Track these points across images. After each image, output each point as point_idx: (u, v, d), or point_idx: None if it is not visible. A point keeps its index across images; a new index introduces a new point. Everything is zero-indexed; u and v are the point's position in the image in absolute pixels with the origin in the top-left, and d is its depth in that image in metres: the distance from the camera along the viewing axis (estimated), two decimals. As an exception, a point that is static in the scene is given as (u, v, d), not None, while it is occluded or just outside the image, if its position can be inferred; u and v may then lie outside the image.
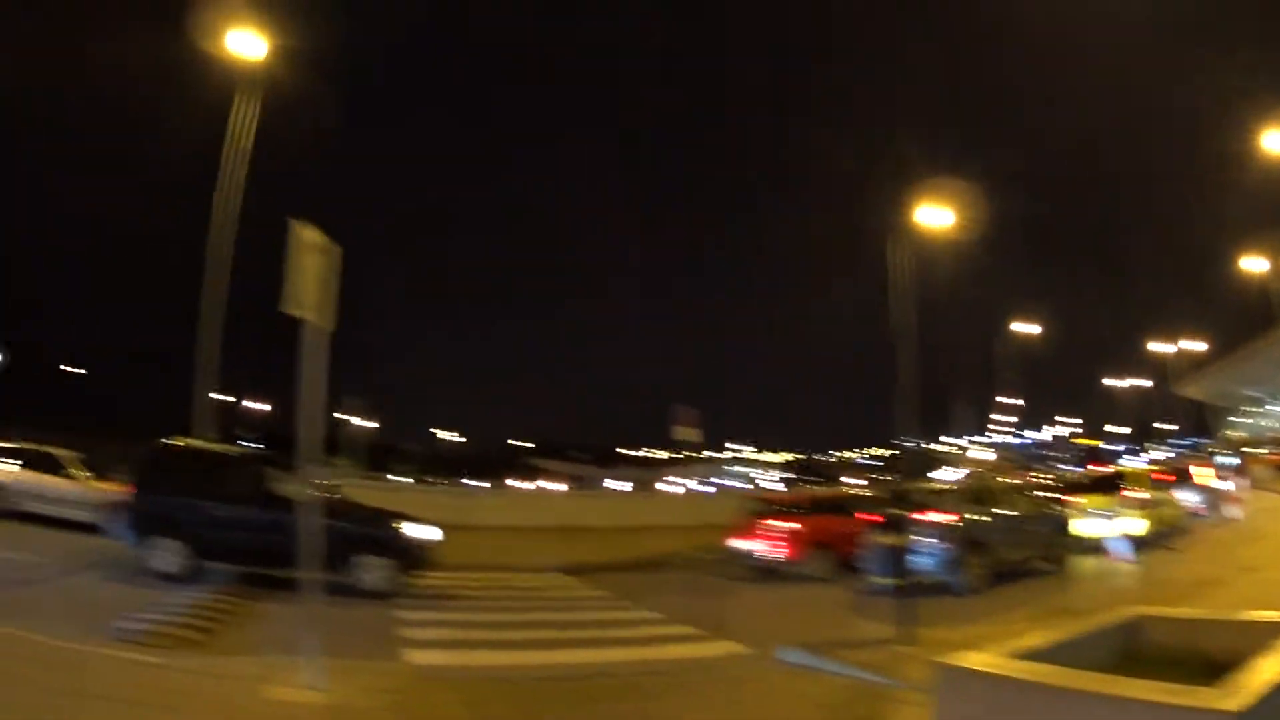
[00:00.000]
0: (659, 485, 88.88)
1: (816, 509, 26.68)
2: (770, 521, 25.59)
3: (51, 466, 28.04)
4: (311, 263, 11.46)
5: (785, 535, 24.88)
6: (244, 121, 32.69)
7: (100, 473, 28.24)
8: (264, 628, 15.38)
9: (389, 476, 58.08)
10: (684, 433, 28.51)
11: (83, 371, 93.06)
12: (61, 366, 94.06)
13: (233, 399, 40.92)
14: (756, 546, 25.27)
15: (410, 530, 20.15)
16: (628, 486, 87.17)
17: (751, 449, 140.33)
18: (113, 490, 26.37)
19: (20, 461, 28.27)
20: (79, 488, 27.05)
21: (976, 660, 6.42)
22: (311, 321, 11.46)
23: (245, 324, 34.17)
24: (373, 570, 19.29)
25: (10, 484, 27.30)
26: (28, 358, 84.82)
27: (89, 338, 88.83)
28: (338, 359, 12.25)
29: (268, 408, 73.58)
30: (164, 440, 22.19)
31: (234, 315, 31.94)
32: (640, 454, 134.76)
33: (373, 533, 19.79)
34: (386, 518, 20.48)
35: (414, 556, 19.98)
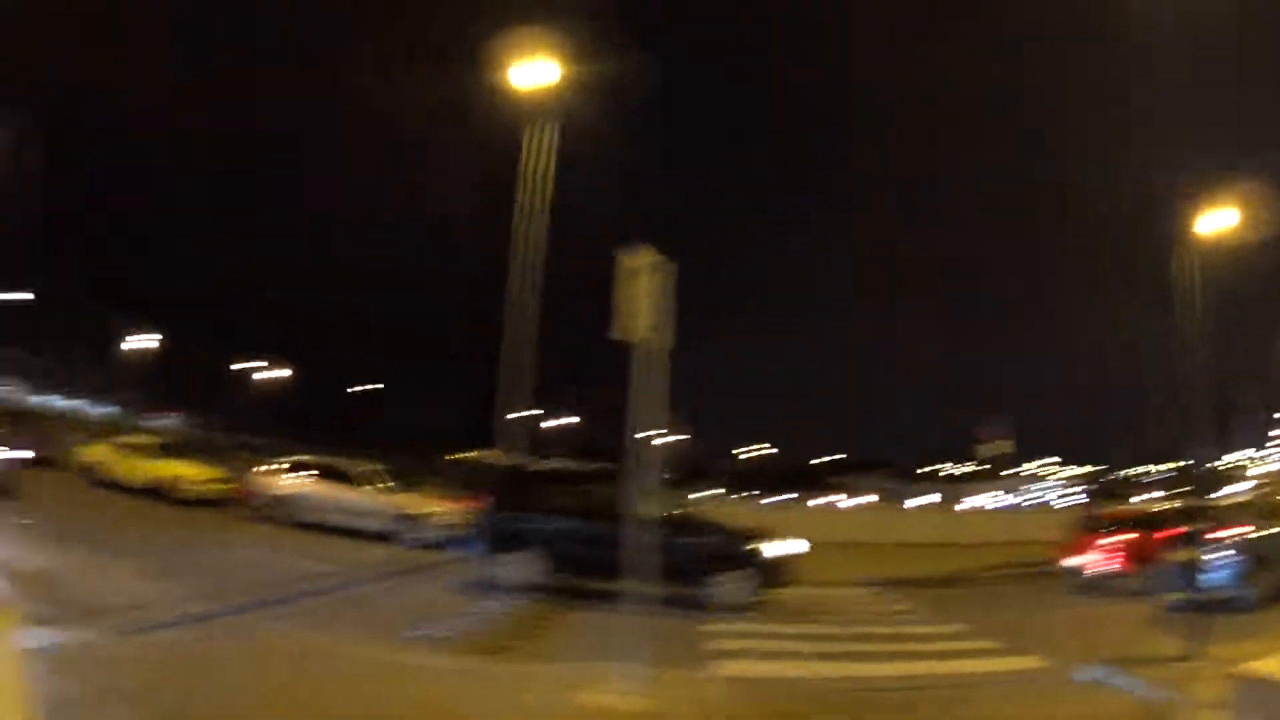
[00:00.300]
0: (961, 501, 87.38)
1: (1143, 524, 26.12)
2: (1102, 536, 25.25)
3: (341, 479, 29.99)
4: (643, 286, 11.97)
5: (1120, 549, 24.53)
6: (539, 149, 33.96)
7: (403, 486, 29.91)
8: (573, 636, 16.26)
9: (689, 494, 59.17)
10: (992, 447, 28.32)
11: (379, 386, 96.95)
12: (351, 388, 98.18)
13: (537, 413, 42.39)
14: (1088, 560, 25.02)
15: (768, 547, 20.71)
16: (935, 499, 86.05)
17: (1055, 463, 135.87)
18: (411, 501, 28.18)
19: (313, 474, 30.20)
20: (369, 499, 28.72)
21: (1273, 668, 6.48)
22: (646, 343, 11.98)
23: (552, 340, 35.51)
24: (728, 585, 19.90)
25: (304, 496, 29.15)
26: (322, 378, 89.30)
27: (391, 357, 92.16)
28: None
29: (575, 420, 75.21)
30: (519, 458, 23.33)
31: (544, 332, 33.23)
32: (944, 469, 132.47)
33: (729, 548, 20.49)
34: (743, 534, 21.01)
35: (771, 572, 20.50)
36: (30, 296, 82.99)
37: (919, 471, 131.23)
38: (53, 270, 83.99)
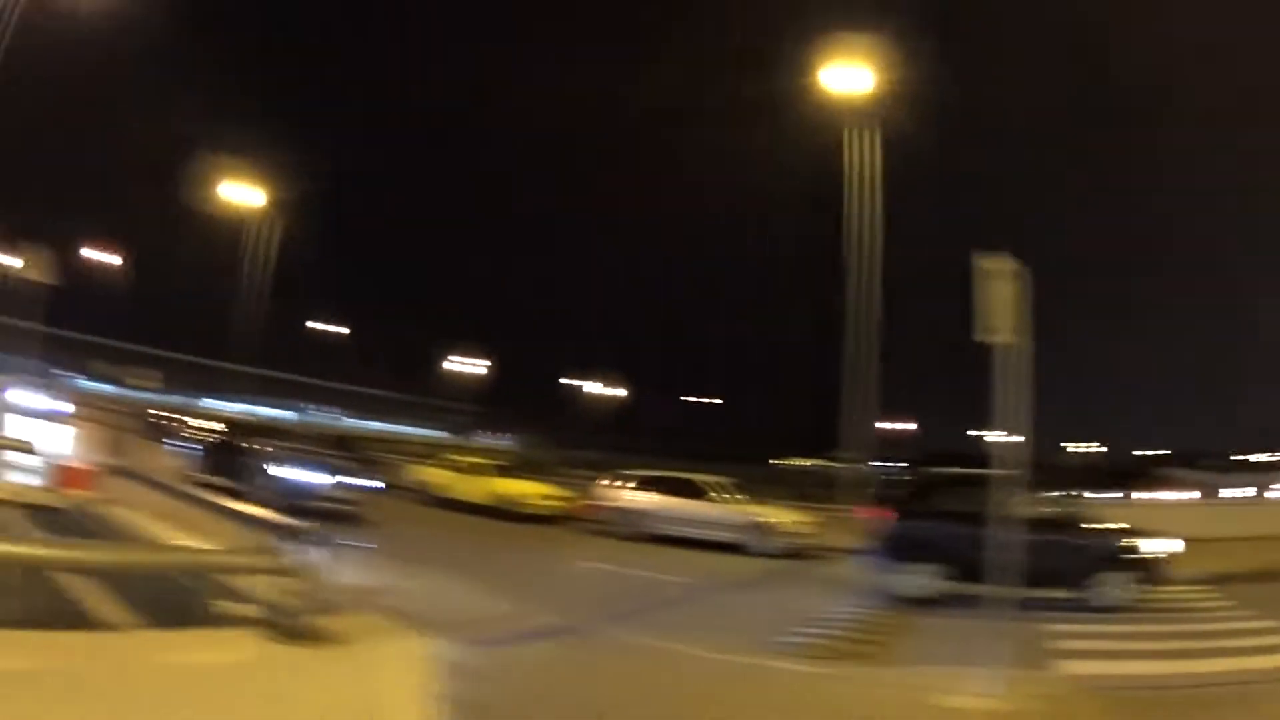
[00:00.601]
0: (1272, 490, 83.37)
1: None
2: None
3: (691, 491, 30.69)
4: (1002, 289, 12.37)
5: None
6: (863, 154, 34.23)
7: (750, 496, 30.90)
8: (928, 641, 16.72)
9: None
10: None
11: (718, 401, 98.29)
12: (685, 399, 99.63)
13: (871, 419, 42.78)
14: None
15: (1146, 544, 20.75)
16: (1250, 492, 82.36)
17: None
18: (761, 511, 28.82)
19: (659, 489, 31.05)
20: (718, 510, 29.35)
21: None
22: (1007, 345, 12.34)
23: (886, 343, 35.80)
24: (1109, 585, 20.00)
25: (652, 510, 30.02)
26: (657, 392, 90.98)
27: (723, 369, 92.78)
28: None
29: (912, 427, 74.68)
30: (926, 468, 23.77)
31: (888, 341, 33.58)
32: (1258, 459, 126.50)
33: (1111, 548, 20.60)
34: (1122, 533, 21.21)
35: (1150, 570, 20.48)
36: (346, 330, 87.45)
37: (1236, 461, 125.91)
38: (381, 297, 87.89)
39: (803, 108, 39.28)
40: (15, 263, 55.31)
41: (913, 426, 74.03)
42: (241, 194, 65.10)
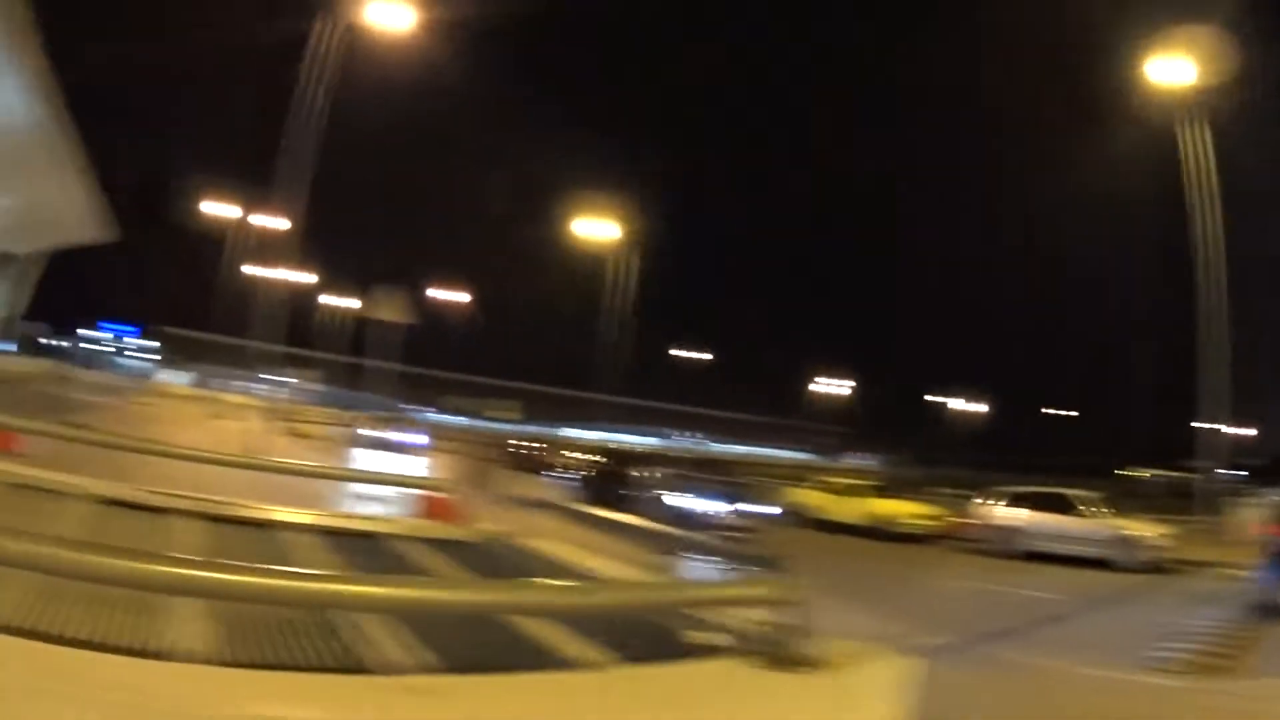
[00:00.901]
0: None
1: None
2: None
3: (1062, 507, 31.28)
4: None
5: None
6: (1198, 147, 33.71)
7: (1119, 509, 31.57)
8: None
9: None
10: None
11: (1073, 414, 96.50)
12: (1044, 410, 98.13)
13: (1218, 426, 41.65)
14: None
15: None
16: None
17: None
18: (1129, 524, 29.12)
19: (1031, 505, 31.94)
20: (1088, 525, 29.72)
21: None
22: None
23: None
24: None
25: (1024, 526, 30.51)
26: (1018, 406, 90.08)
27: (1077, 379, 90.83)
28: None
29: (1253, 432, 71.73)
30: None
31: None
32: None
33: None
34: None
35: None
36: (710, 356, 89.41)
37: None
38: (745, 322, 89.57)
39: (1137, 102, 38.87)
40: (355, 304, 58.82)
41: (1253, 432, 70.53)
42: (599, 228, 67.75)
